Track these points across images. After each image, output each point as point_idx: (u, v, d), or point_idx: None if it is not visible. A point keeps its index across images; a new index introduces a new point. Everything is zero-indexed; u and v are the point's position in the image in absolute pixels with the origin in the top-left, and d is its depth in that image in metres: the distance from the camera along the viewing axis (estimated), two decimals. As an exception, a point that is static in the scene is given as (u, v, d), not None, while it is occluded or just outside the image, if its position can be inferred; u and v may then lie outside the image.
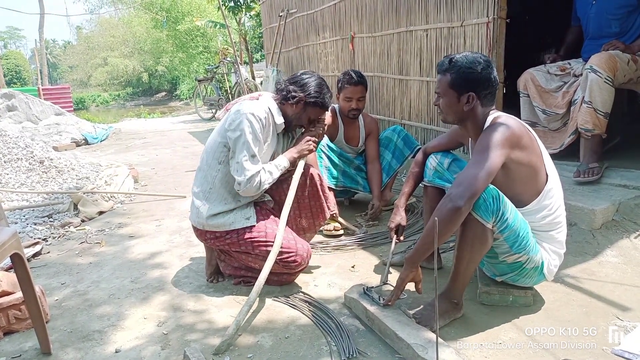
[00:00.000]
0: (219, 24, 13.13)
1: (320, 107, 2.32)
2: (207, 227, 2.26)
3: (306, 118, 2.35)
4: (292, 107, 2.31)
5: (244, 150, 2.13)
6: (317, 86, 2.30)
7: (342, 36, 5.82)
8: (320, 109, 2.34)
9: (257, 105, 2.22)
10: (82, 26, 42.70)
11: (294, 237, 2.28)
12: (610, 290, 2.08)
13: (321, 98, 2.30)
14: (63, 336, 2.00)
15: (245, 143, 2.13)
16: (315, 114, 2.35)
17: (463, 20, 3.66)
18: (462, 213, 1.69)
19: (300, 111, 2.31)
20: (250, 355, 1.78)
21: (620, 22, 3.07)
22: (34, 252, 2.90)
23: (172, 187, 4.54)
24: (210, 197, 2.25)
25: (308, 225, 2.54)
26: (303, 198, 2.47)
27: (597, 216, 2.57)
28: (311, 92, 2.28)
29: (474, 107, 1.89)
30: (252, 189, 2.16)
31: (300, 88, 2.29)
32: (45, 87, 15.01)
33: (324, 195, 2.51)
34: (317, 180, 2.48)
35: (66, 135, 7.70)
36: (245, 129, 2.13)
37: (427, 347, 1.61)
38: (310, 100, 2.28)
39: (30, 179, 4.36)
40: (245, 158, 2.13)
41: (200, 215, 2.25)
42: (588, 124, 2.86)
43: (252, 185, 2.14)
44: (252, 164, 2.15)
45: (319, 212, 2.52)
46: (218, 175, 2.25)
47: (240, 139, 2.13)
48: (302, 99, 2.28)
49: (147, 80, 29.66)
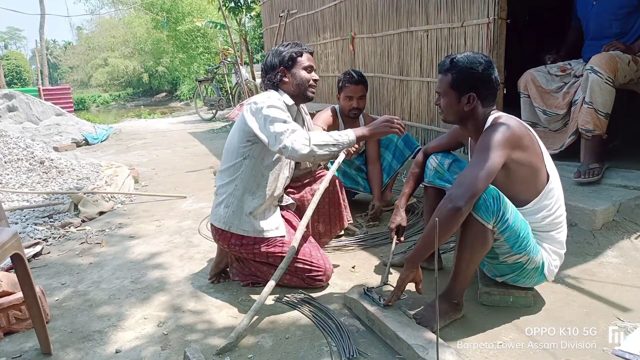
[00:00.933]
0: (219, 25, 13.13)
1: (298, 55, 2.26)
2: (233, 229, 2.22)
3: (303, 74, 2.26)
4: (286, 83, 2.26)
5: (275, 122, 2.04)
6: (279, 51, 2.27)
7: (343, 37, 5.82)
8: (300, 57, 2.26)
9: (273, 96, 2.20)
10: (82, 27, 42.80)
11: (322, 255, 2.28)
12: (610, 291, 2.08)
13: (291, 51, 2.25)
14: (63, 336, 2.00)
15: (270, 118, 2.05)
16: (302, 64, 2.26)
17: (463, 21, 3.66)
18: (463, 213, 1.69)
19: (292, 76, 2.26)
20: (251, 355, 1.78)
21: (621, 22, 3.07)
22: (35, 253, 2.90)
23: (173, 188, 4.54)
24: (236, 193, 2.21)
25: (325, 231, 2.57)
26: (323, 204, 2.48)
27: (597, 217, 2.57)
28: (281, 58, 2.24)
29: (474, 107, 1.89)
30: (299, 145, 1.97)
31: (272, 66, 2.27)
32: (46, 88, 15.01)
33: (343, 204, 2.54)
34: (338, 188, 2.52)
35: (66, 136, 7.70)
36: (265, 108, 2.08)
37: (427, 347, 1.60)
38: (286, 60, 2.24)
39: (30, 179, 4.36)
40: (279, 124, 2.03)
41: (227, 214, 2.21)
42: (589, 124, 2.86)
43: (297, 141, 1.98)
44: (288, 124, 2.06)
45: (337, 220, 2.55)
46: (245, 170, 2.20)
47: (267, 118, 2.06)
48: (282, 69, 2.25)
49: (148, 80, 29.69)
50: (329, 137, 2.03)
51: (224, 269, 2.45)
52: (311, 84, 2.28)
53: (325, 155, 2.03)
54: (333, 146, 2.03)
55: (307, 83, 2.27)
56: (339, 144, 2.04)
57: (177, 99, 25.70)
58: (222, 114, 11.15)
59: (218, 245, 2.38)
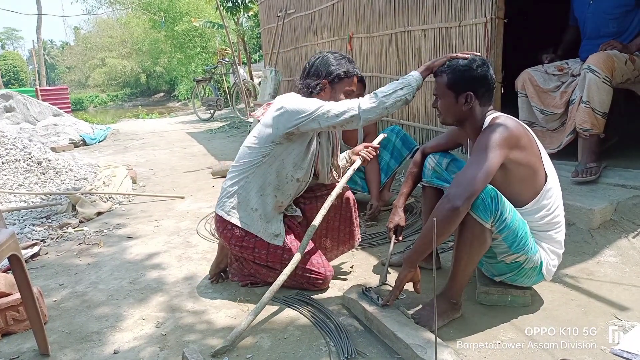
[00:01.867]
0: (217, 25, 13.13)
1: (346, 77, 2.22)
2: (234, 220, 2.18)
3: (342, 97, 2.22)
4: (322, 97, 2.20)
5: (329, 108, 2.00)
6: (330, 62, 2.22)
7: (340, 36, 5.82)
8: (348, 79, 2.23)
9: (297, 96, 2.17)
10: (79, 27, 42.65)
11: (322, 262, 2.26)
12: (608, 290, 2.08)
13: (341, 69, 2.21)
14: (61, 337, 1.99)
15: (322, 108, 2.01)
16: (346, 86, 2.24)
17: (461, 21, 3.66)
18: (461, 213, 1.69)
19: (332, 93, 2.22)
20: (249, 355, 1.78)
21: (618, 21, 3.07)
22: (32, 253, 2.89)
23: (171, 188, 4.53)
24: (246, 186, 2.18)
25: (331, 247, 2.47)
26: (334, 220, 2.41)
27: (595, 216, 2.57)
28: (330, 71, 2.20)
29: (472, 106, 1.90)
30: (366, 104, 1.96)
31: (317, 75, 2.21)
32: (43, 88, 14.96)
33: (356, 222, 2.46)
34: (352, 205, 2.43)
35: (64, 136, 7.68)
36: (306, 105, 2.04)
37: (425, 347, 1.61)
38: (334, 78, 2.20)
39: (28, 180, 4.35)
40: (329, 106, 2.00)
41: (233, 205, 2.19)
42: (586, 123, 2.86)
43: (362, 101, 1.97)
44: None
45: (346, 238, 2.45)
46: (261, 167, 2.16)
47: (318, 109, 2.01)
48: (326, 83, 2.21)
49: (145, 80, 29.63)
50: (392, 84, 1.97)
51: (224, 269, 2.45)
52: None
53: (397, 102, 1.96)
54: (401, 90, 1.97)
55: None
56: (406, 85, 1.97)
57: (174, 99, 25.66)
58: (220, 114, 11.15)
59: (219, 241, 2.37)
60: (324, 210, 2.22)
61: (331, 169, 2.41)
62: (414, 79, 1.99)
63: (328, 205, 2.23)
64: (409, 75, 2.01)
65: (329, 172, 2.39)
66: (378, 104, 1.96)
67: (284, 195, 2.23)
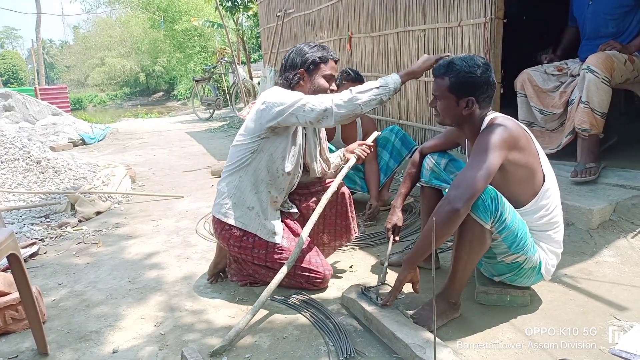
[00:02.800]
0: (216, 24, 13.12)
1: (322, 62, 2.19)
2: (231, 220, 2.18)
3: (322, 82, 2.21)
4: (302, 86, 2.20)
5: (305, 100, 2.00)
6: (303, 51, 2.20)
7: (340, 36, 5.82)
8: (324, 64, 2.20)
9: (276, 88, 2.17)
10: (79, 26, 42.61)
11: (322, 261, 2.26)
12: (607, 290, 2.08)
13: (315, 55, 2.18)
14: (60, 337, 1.99)
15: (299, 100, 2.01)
16: (323, 72, 2.20)
17: (460, 21, 3.66)
18: (461, 215, 1.69)
19: (312, 81, 2.20)
20: (248, 355, 1.77)
21: (617, 22, 3.08)
22: (31, 253, 2.89)
23: (170, 188, 4.53)
24: (240, 185, 2.19)
25: (329, 241, 2.49)
26: (330, 215, 2.41)
27: (594, 216, 2.57)
28: (303, 59, 2.18)
29: (472, 110, 1.89)
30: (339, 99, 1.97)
31: (292, 65, 2.20)
32: (42, 87, 14.95)
33: (351, 216, 2.47)
34: (347, 200, 2.44)
35: (63, 136, 7.67)
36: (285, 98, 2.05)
37: (425, 347, 1.61)
38: (309, 65, 2.18)
39: (27, 179, 4.34)
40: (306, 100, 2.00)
41: (228, 206, 2.19)
42: (585, 124, 2.87)
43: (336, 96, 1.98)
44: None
45: (343, 232, 2.47)
46: (252, 164, 2.16)
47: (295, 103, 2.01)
48: (302, 71, 2.19)
49: (145, 80, 29.60)
50: (369, 82, 1.96)
51: (223, 269, 2.44)
52: (327, 93, 2.20)
53: (371, 100, 1.96)
54: (377, 89, 1.96)
55: (323, 91, 2.20)
56: (383, 85, 1.96)
57: (174, 99, 25.63)
58: (220, 114, 11.14)
59: (218, 242, 2.37)
60: (320, 208, 2.23)
61: (320, 161, 2.42)
62: (393, 81, 2.01)
63: (323, 204, 2.25)
64: (389, 77, 2.02)
65: (319, 164, 2.40)
66: (351, 98, 1.96)
67: (278, 190, 2.24)
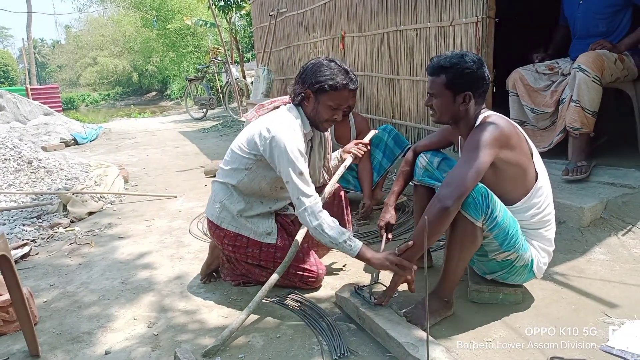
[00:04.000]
0: (209, 23, 13.08)
1: (332, 89, 2.04)
2: (224, 225, 2.19)
3: (322, 111, 2.11)
4: (306, 106, 2.15)
5: (302, 179, 1.99)
6: (320, 71, 2.05)
7: (333, 35, 5.82)
8: (334, 92, 2.05)
9: (289, 131, 2.04)
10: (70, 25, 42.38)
11: (315, 260, 2.27)
12: (598, 288, 2.10)
13: (329, 82, 2.04)
14: (52, 338, 1.98)
15: (298, 169, 1.99)
16: (330, 101, 2.08)
17: (452, 20, 3.67)
18: (451, 213, 1.70)
19: (314, 105, 2.11)
20: (242, 355, 1.77)
21: (607, 21, 3.10)
22: (23, 254, 2.87)
23: (163, 188, 4.51)
24: (231, 198, 2.19)
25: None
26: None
27: (585, 214, 2.59)
28: (317, 80, 2.05)
29: (468, 106, 1.90)
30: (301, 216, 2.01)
31: (303, 82, 2.10)
32: (34, 87, 14.85)
33: (347, 218, 2.48)
34: (343, 201, 2.46)
35: (55, 136, 7.62)
36: (290, 152, 1.99)
37: (418, 345, 1.61)
38: (317, 89, 2.06)
39: (18, 179, 4.31)
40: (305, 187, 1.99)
41: (220, 210, 2.20)
42: (576, 122, 2.88)
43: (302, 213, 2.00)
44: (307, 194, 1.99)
45: None
46: (244, 180, 2.16)
47: (294, 166, 1.99)
48: (309, 94, 2.10)
49: (137, 79, 29.45)
50: (339, 234, 1.94)
51: (215, 269, 2.44)
52: (327, 122, 2.15)
53: (323, 240, 1.97)
54: (337, 244, 1.95)
55: (323, 120, 2.14)
56: (340, 246, 1.95)
57: (167, 98, 25.53)
58: (213, 113, 11.11)
59: (211, 242, 2.37)
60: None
61: (323, 172, 2.42)
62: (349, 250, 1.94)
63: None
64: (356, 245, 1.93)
65: (321, 175, 2.40)
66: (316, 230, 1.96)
67: (271, 201, 2.26)
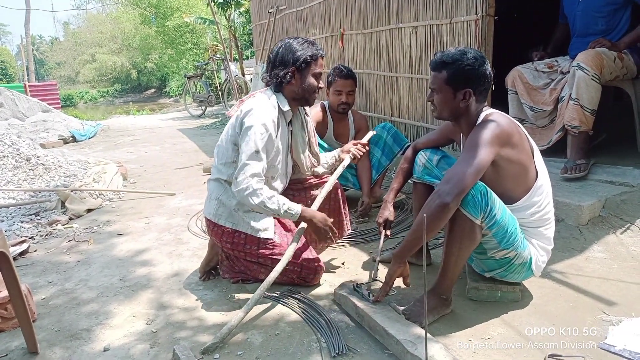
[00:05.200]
0: (208, 21, 13.05)
1: (313, 60, 2.19)
2: (221, 221, 2.21)
3: (312, 81, 2.22)
4: (292, 84, 2.21)
5: (250, 156, 2.07)
6: (294, 48, 2.18)
7: (332, 33, 5.81)
8: (314, 62, 2.20)
9: (266, 109, 2.15)
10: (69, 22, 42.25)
11: (313, 257, 2.27)
12: (596, 286, 2.10)
13: (307, 54, 2.18)
14: (50, 335, 1.98)
15: (251, 154, 2.07)
16: (314, 70, 2.21)
17: (452, 18, 3.67)
18: (450, 209, 1.70)
19: (301, 80, 2.20)
20: (240, 352, 1.77)
21: (607, 19, 3.10)
22: (21, 251, 2.86)
23: (162, 185, 4.51)
24: (226, 192, 2.21)
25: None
26: (323, 211, 2.39)
27: (584, 212, 2.59)
28: (296, 57, 2.16)
29: (469, 103, 1.90)
30: (241, 196, 2.08)
31: (283, 62, 2.18)
32: (32, 84, 14.83)
33: (344, 212, 2.49)
34: (340, 196, 2.47)
35: (53, 133, 7.60)
36: (253, 138, 2.08)
37: (416, 343, 1.61)
38: (301, 64, 2.17)
39: (16, 176, 4.30)
40: (254, 164, 2.07)
41: (217, 207, 2.22)
42: (575, 120, 2.89)
43: (242, 194, 2.07)
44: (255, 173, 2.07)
45: (336, 228, 2.44)
46: (234, 173, 2.17)
47: (249, 148, 2.08)
48: (294, 71, 2.18)
49: (136, 76, 29.40)
50: (280, 205, 2.10)
51: (214, 266, 2.44)
52: (317, 92, 2.26)
53: (264, 212, 2.15)
54: (278, 215, 2.15)
55: (313, 91, 2.23)
56: (282, 215, 2.14)
57: (166, 96, 25.48)
58: (212, 111, 11.09)
59: (210, 239, 2.37)
60: (315, 207, 2.26)
61: (309, 156, 2.43)
62: (289, 215, 2.14)
63: (317, 204, 2.27)
64: (295, 211, 2.14)
65: (307, 159, 2.41)
66: (260, 201, 2.06)
67: None
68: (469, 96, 1.88)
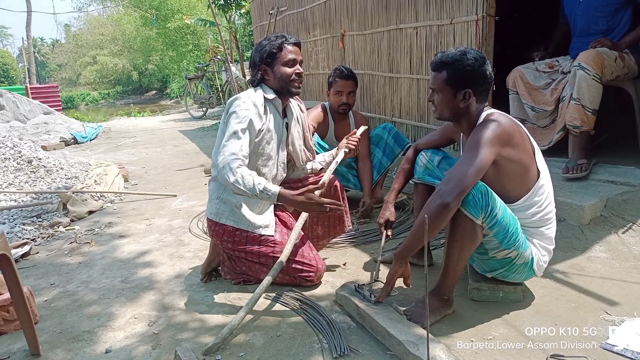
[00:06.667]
0: (209, 22, 13.06)
1: (279, 50, 2.20)
2: (222, 219, 2.21)
3: (283, 70, 2.22)
4: (268, 80, 2.26)
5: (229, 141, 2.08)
6: (260, 46, 2.24)
7: (333, 34, 5.81)
8: (280, 51, 2.21)
9: (247, 97, 2.20)
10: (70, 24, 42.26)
11: (314, 255, 2.27)
12: (598, 285, 2.10)
13: (269, 47, 2.20)
14: (52, 337, 1.98)
15: (229, 135, 2.08)
16: (282, 60, 2.22)
17: (452, 18, 3.67)
18: (451, 209, 1.70)
19: (274, 71, 2.23)
20: (242, 353, 1.77)
21: (608, 19, 3.09)
22: (23, 253, 2.87)
23: (163, 186, 4.51)
24: (227, 188, 2.20)
25: (323, 234, 2.53)
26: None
27: (585, 212, 2.59)
28: (261, 55, 2.21)
29: (469, 103, 1.90)
30: (220, 176, 2.06)
31: (254, 65, 2.26)
32: (34, 86, 14.85)
33: (345, 208, 2.49)
34: (339, 191, 2.48)
35: (55, 135, 7.61)
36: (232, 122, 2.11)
37: (418, 343, 1.61)
38: (265, 58, 2.21)
39: (18, 178, 4.31)
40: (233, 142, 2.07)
41: (218, 205, 2.23)
42: (576, 120, 2.88)
43: (220, 173, 2.05)
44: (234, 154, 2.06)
45: (337, 223, 2.50)
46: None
47: (228, 131, 2.10)
48: (263, 67, 2.23)
49: (137, 78, 29.44)
50: (251, 183, 2.01)
51: (216, 268, 2.44)
52: (293, 79, 2.24)
53: (243, 194, 2.05)
54: (255, 196, 2.04)
55: (289, 79, 2.23)
56: (259, 196, 2.03)
57: (167, 97, 25.52)
58: (213, 112, 11.10)
59: (211, 240, 2.37)
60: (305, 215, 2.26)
61: (304, 150, 2.47)
62: (267, 196, 2.04)
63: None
64: (273, 192, 2.04)
65: (302, 153, 2.45)
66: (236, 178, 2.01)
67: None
68: (469, 96, 1.88)
